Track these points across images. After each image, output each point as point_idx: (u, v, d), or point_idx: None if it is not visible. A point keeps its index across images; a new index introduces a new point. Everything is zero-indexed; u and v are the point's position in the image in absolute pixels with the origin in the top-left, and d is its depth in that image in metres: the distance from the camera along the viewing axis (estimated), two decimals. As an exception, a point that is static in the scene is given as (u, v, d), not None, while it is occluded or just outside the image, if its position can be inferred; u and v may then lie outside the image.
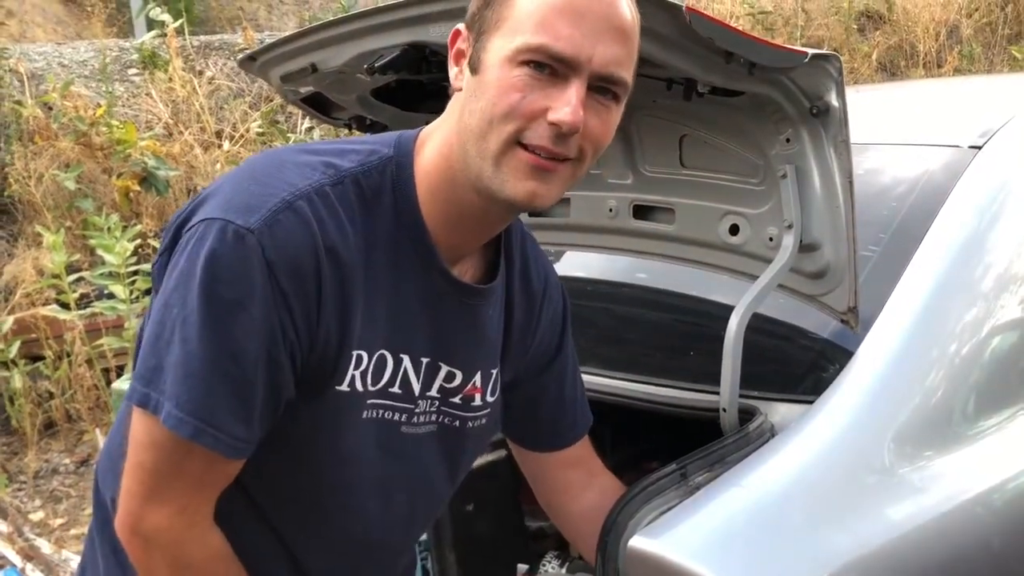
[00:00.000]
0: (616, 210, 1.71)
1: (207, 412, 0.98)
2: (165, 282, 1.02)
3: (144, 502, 1.03)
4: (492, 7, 1.03)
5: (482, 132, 1.03)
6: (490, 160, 1.03)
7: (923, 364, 1.42)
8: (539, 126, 1.01)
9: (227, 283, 0.97)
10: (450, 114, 1.09)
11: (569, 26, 0.99)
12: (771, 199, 1.48)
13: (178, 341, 0.98)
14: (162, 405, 0.98)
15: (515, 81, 1.00)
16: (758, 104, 1.40)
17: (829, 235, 1.41)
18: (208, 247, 0.97)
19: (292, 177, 1.03)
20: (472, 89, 1.04)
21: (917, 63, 8.43)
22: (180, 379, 0.97)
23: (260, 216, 0.98)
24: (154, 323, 1.01)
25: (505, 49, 1.01)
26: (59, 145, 5.32)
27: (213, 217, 0.99)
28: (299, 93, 1.78)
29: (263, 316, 0.98)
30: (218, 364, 0.98)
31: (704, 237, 1.58)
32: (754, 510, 1.22)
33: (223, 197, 1.02)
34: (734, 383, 1.34)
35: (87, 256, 4.89)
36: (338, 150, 1.09)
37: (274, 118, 6.58)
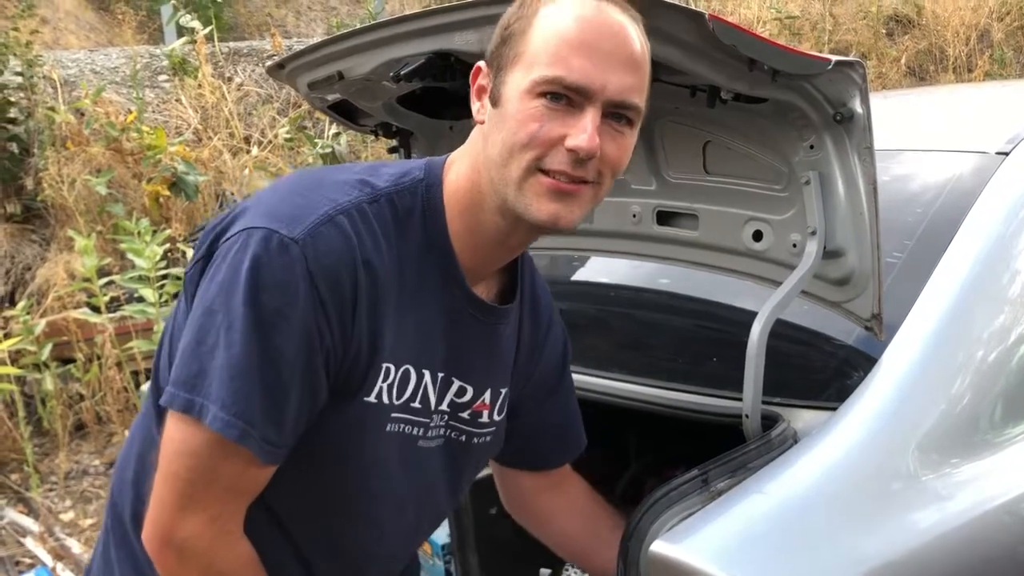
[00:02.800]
0: (640, 216, 1.71)
1: (251, 416, 1.00)
2: (204, 289, 1.03)
3: (178, 511, 1.04)
4: (509, 44, 1.09)
5: (504, 160, 1.08)
6: (513, 186, 1.08)
7: (948, 371, 1.42)
8: (558, 153, 1.06)
9: (271, 290, 1.00)
10: (473, 143, 1.15)
11: (581, 58, 1.05)
12: (795, 205, 1.48)
13: (223, 346, 1.00)
14: (207, 409, 1.00)
15: (533, 112, 1.06)
16: (782, 111, 1.40)
17: (853, 242, 1.41)
18: (252, 254, 1.00)
19: (332, 193, 1.06)
20: (494, 121, 1.09)
21: (947, 68, 8.35)
22: (226, 383, 0.99)
23: (304, 227, 1.01)
24: (194, 329, 1.02)
25: (523, 82, 1.06)
26: (91, 150, 5.40)
27: (256, 226, 1.02)
28: (326, 100, 1.81)
29: (304, 324, 1.01)
30: (260, 370, 1.00)
31: (727, 243, 1.58)
32: (776, 516, 1.21)
33: (264, 208, 1.05)
34: (757, 389, 1.34)
35: (118, 260, 4.95)
36: (373, 170, 1.13)
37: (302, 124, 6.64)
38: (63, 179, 5.22)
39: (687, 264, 1.67)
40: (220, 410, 0.99)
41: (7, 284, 5.16)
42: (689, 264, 1.67)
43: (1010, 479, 1.39)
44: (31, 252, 5.30)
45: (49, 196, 5.26)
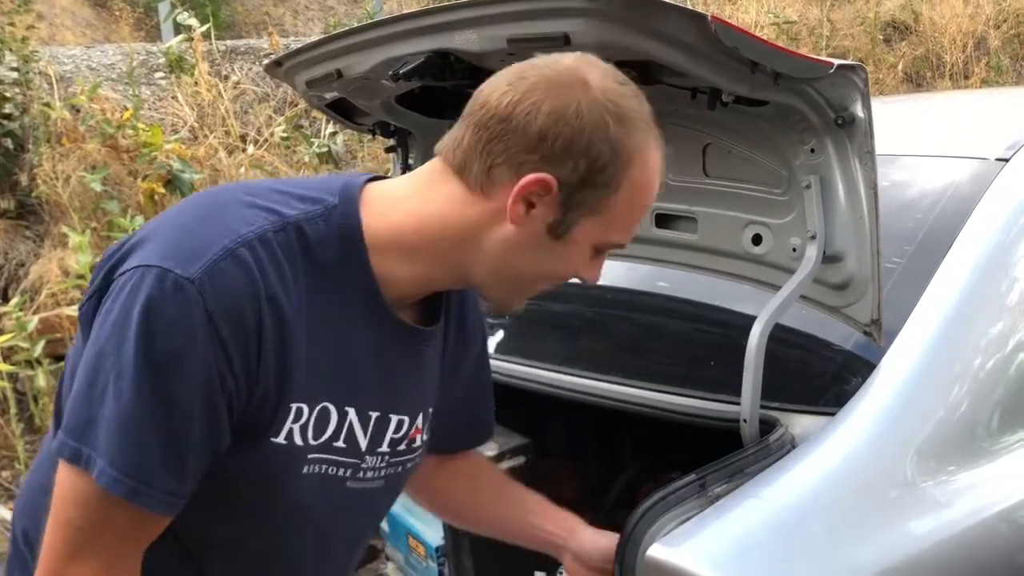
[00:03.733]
0: (638, 218, 1.70)
1: (142, 471, 0.95)
2: (98, 329, 0.98)
3: (68, 560, 0.98)
4: (592, 188, 1.03)
5: (530, 281, 1.12)
6: (518, 296, 1.14)
7: (947, 378, 1.41)
8: (566, 280, 1.14)
9: (165, 334, 0.94)
10: (463, 212, 1.06)
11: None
12: (794, 209, 1.47)
13: (112, 394, 0.94)
14: (95, 462, 0.95)
15: (584, 260, 1.10)
16: (783, 114, 1.39)
17: (853, 246, 1.40)
18: (144, 296, 0.94)
19: (235, 223, 1.00)
20: (544, 246, 1.07)
21: (944, 74, 8.37)
22: (114, 435, 0.94)
23: (201, 265, 0.95)
24: (86, 372, 0.97)
25: (595, 239, 1.08)
26: (86, 147, 5.38)
27: (150, 264, 0.96)
28: (324, 99, 1.80)
29: (202, 367, 0.96)
30: (154, 418, 0.95)
31: (727, 247, 1.58)
32: (774, 522, 1.21)
33: (161, 242, 0.99)
34: (755, 394, 1.33)
35: (112, 257, 4.92)
36: (281, 195, 1.06)
37: (298, 123, 6.62)
38: (58, 175, 5.20)
39: (686, 267, 1.66)
40: (108, 466, 0.94)
41: (0, 280, 5.14)
42: (688, 267, 1.66)
43: (1007, 487, 1.39)
44: (25, 248, 5.28)
45: (44, 192, 5.24)
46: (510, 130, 1.02)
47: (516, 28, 1.30)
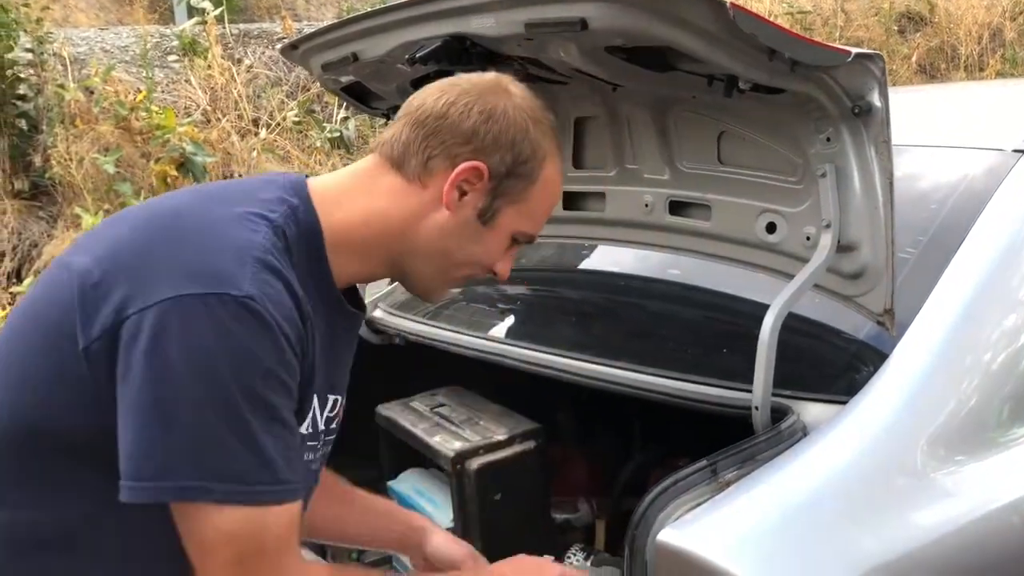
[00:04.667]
0: (652, 206, 1.70)
1: (285, 474, 1.02)
2: (155, 371, 0.97)
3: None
4: (518, 178, 1.18)
5: (457, 265, 1.23)
6: (443, 282, 1.25)
7: (959, 369, 1.41)
8: (486, 271, 1.26)
9: (250, 353, 0.99)
10: (402, 202, 1.18)
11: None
12: (809, 198, 1.47)
13: (231, 431, 0.98)
14: (252, 494, 1.00)
15: (503, 249, 1.24)
16: (799, 102, 1.39)
17: (867, 236, 1.40)
18: (210, 324, 0.97)
19: (241, 233, 1.05)
20: (472, 231, 1.20)
21: (958, 66, 8.31)
22: (258, 459, 1.00)
23: (247, 280, 1.00)
24: (188, 426, 0.97)
25: (515, 226, 1.22)
26: (99, 129, 5.39)
27: (183, 294, 0.98)
28: (339, 82, 1.80)
29: (286, 372, 1.03)
30: (272, 431, 1.01)
31: (740, 235, 1.58)
32: (784, 509, 1.21)
33: (181, 270, 1.00)
34: (767, 382, 1.33)
35: (124, 239, 4.94)
36: (248, 199, 1.11)
37: (310, 107, 6.62)
38: (71, 157, 5.21)
39: (699, 255, 1.66)
40: (265, 485, 1.00)
41: (14, 260, 5.16)
42: (701, 255, 1.66)
43: (1018, 479, 1.38)
44: (38, 229, 5.31)
45: (57, 174, 5.26)
46: (446, 127, 1.16)
47: (533, 12, 1.30)
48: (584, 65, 1.40)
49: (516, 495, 1.68)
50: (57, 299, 1.05)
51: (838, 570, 1.16)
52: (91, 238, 1.14)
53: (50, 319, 1.05)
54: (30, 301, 1.13)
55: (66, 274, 1.06)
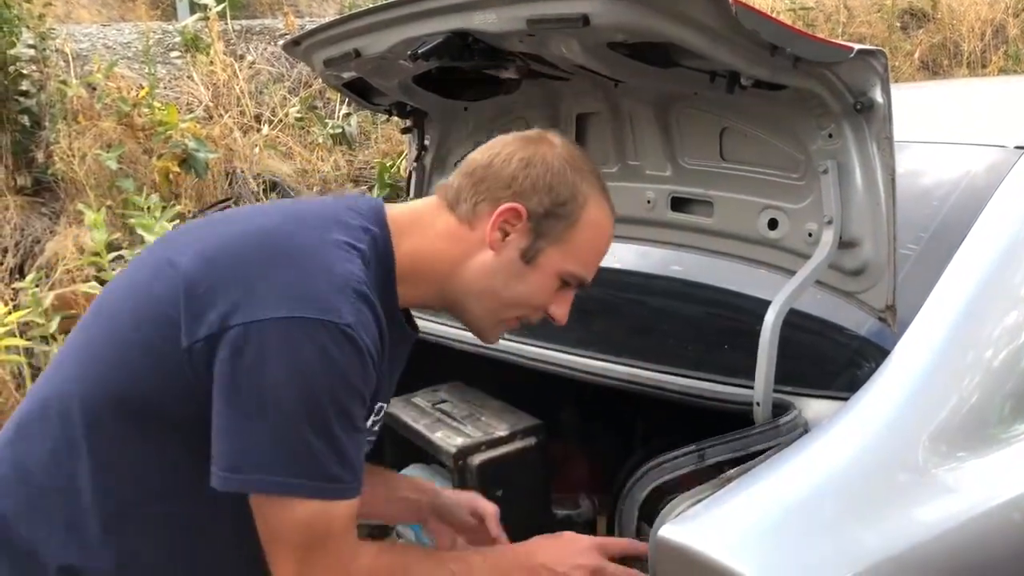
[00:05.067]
0: (654, 202, 1.70)
1: (355, 474, 1.16)
2: (256, 378, 1.10)
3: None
4: (558, 219, 1.28)
5: (506, 305, 1.32)
6: (495, 322, 1.34)
7: (960, 366, 1.41)
8: (540, 314, 1.35)
9: (344, 374, 1.12)
10: (454, 242, 1.30)
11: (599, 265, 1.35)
12: (811, 194, 1.47)
13: (318, 438, 1.11)
14: (330, 491, 1.13)
15: (551, 290, 1.32)
16: (801, 98, 1.39)
17: (869, 232, 1.40)
18: (318, 345, 1.11)
19: (340, 263, 1.17)
20: (517, 271, 1.29)
21: (961, 62, 8.30)
22: (339, 461, 1.13)
23: (347, 309, 1.13)
24: (283, 431, 1.10)
25: (560, 266, 1.30)
26: (102, 125, 5.39)
27: (299, 316, 1.11)
28: (341, 78, 1.80)
29: (368, 388, 1.17)
30: (350, 438, 1.14)
31: (742, 231, 1.58)
32: (785, 505, 1.21)
33: (288, 292, 1.13)
34: (768, 378, 1.33)
35: (127, 235, 4.95)
36: (335, 220, 1.23)
37: (312, 103, 6.62)
38: (74, 153, 5.22)
39: (701, 251, 1.66)
40: (332, 480, 1.13)
41: (16, 256, 5.17)
42: (703, 251, 1.66)
43: (1019, 475, 1.38)
44: (41, 225, 5.31)
45: (60, 170, 5.26)
46: (490, 174, 1.29)
47: (535, 9, 1.30)
48: (586, 61, 1.41)
49: (518, 491, 1.68)
50: (162, 296, 1.18)
51: (840, 566, 1.16)
52: (187, 240, 1.25)
53: (154, 313, 1.18)
54: (128, 291, 1.25)
55: (171, 271, 1.18)
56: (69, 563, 1.19)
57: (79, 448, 1.19)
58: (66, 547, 1.19)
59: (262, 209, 1.43)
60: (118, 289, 1.28)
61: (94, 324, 1.28)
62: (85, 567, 1.20)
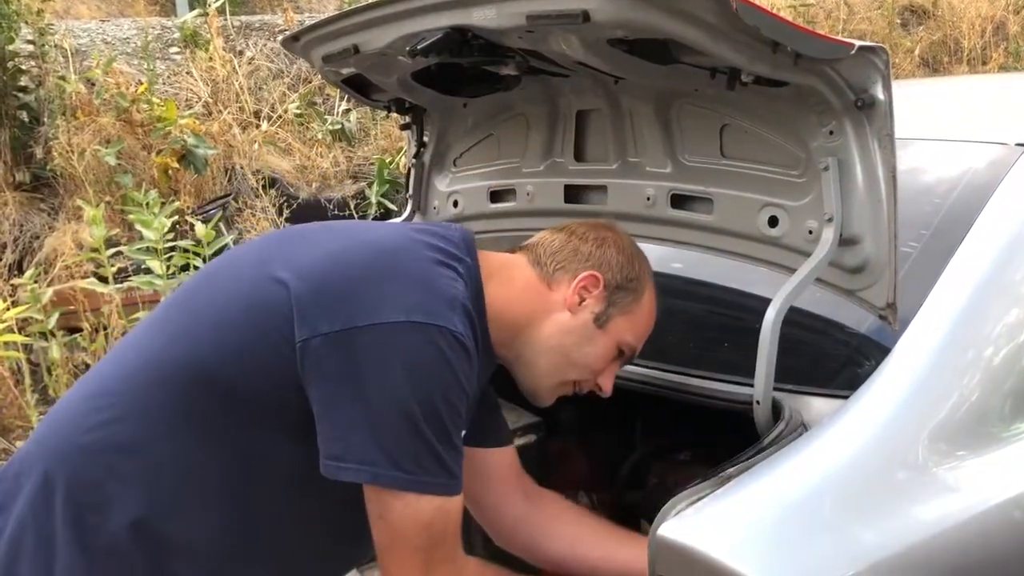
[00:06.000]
0: (654, 199, 1.70)
1: (461, 472, 1.22)
2: (380, 374, 1.17)
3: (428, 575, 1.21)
4: (627, 292, 1.44)
5: (572, 365, 1.42)
6: (555, 383, 1.44)
7: (961, 364, 1.41)
8: (591, 383, 1.46)
9: (456, 377, 1.20)
10: (535, 297, 1.42)
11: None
12: (812, 191, 1.46)
13: (434, 433, 1.17)
14: (448, 486, 1.20)
15: (610, 358, 1.44)
16: (802, 95, 1.38)
17: (870, 230, 1.39)
18: (437, 349, 1.19)
19: (448, 282, 1.26)
20: (589, 334, 1.42)
21: (961, 59, 8.29)
22: (455, 459, 1.20)
23: (459, 321, 1.22)
24: (403, 426, 1.17)
25: (622, 335, 1.43)
26: (101, 121, 5.38)
27: (418, 321, 1.19)
28: (340, 74, 1.79)
29: (471, 392, 1.25)
30: (458, 435, 1.22)
31: (742, 228, 1.57)
32: (785, 504, 1.21)
33: (406, 301, 1.20)
34: (768, 376, 1.33)
35: (126, 231, 4.95)
36: (434, 246, 1.31)
37: (312, 100, 6.61)
38: (72, 149, 5.21)
39: (700, 249, 1.65)
40: (450, 478, 1.20)
41: (15, 252, 5.16)
42: (703, 249, 1.65)
43: (1019, 474, 1.38)
44: (39, 221, 5.30)
45: (58, 165, 5.26)
46: (569, 247, 1.45)
47: (535, 4, 1.30)
48: (586, 58, 1.40)
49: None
50: (269, 302, 1.23)
51: (840, 565, 1.16)
52: (285, 253, 1.31)
53: (261, 316, 1.23)
54: (221, 289, 1.31)
55: (275, 285, 1.24)
56: (135, 515, 1.22)
57: (168, 418, 1.24)
58: (135, 500, 1.23)
59: (357, 225, 1.52)
60: (207, 289, 1.34)
61: (185, 306, 1.34)
62: (153, 526, 1.23)
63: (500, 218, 1.97)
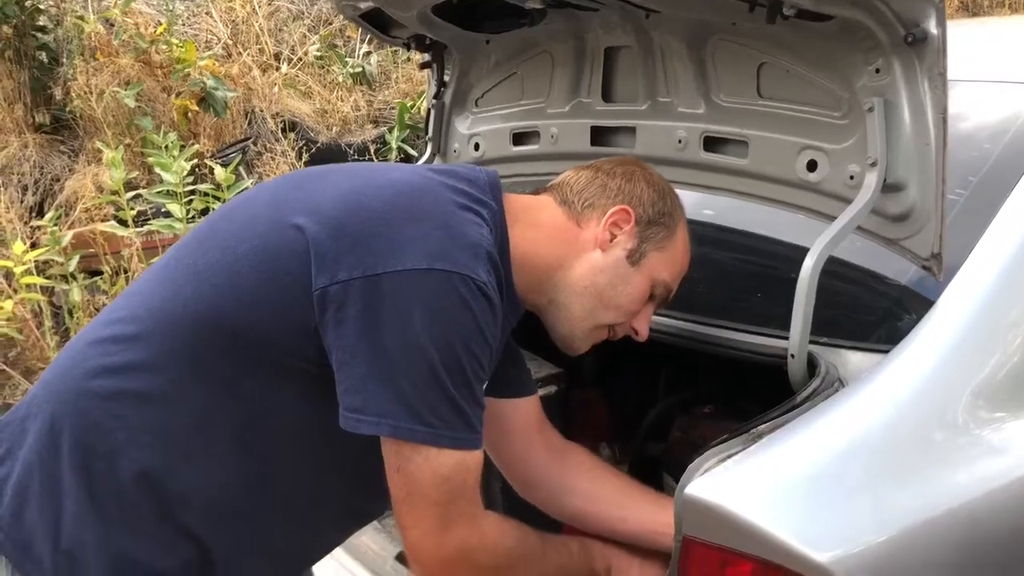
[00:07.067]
0: (686, 142, 1.62)
1: (482, 425, 1.18)
2: (403, 321, 1.11)
3: (446, 531, 1.16)
4: (660, 227, 1.37)
5: (606, 307, 1.35)
6: (590, 327, 1.37)
7: (1006, 320, 1.33)
8: (627, 326, 1.39)
9: (479, 325, 1.14)
10: (563, 238, 1.35)
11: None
12: (854, 134, 1.38)
13: (456, 386, 1.12)
14: (469, 440, 1.15)
15: (645, 298, 1.37)
16: (848, 30, 1.29)
17: (916, 175, 1.31)
18: (459, 297, 1.13)
19: (472, 228, 1.20)
20: (623, 272, 1.35)
21: (1002, 2, 8.02)
22: (475, 411, 1.16)
23: (483, 270, 1.16)
24: (423, 376, 1.11)
25: (657, 273, 1.37)
26: (119, 62, 5.32)
27: (442, 268, 1.13)
28: (358, 8, 1.72)
29: (494, 349, 1.20)
30: (480, 389, 1.17)
31: (779, 173, 1.49)
32: (818, 462, 1.15)
33: (427, 248, 1.14)
34: (805, 328, 1.26)
35: (145, 174, 4.92)
36: (458, 189, 1.25)
37: (332, 42, 6.51)
38: (91, 90, 5.16)
39: (734, 194, 1.58)
40: (469, 431, 1.15)
41: (36, 195, 5.15)
42: (736, 194, 1.57)
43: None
44: (60, 163, 5.28)
45: (78, 107, 5.22)
46: (597, 183, 1.38)
47: None
48: (616, -12, 1.32)
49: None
50: (285, 248, 1.17)
51: (874, 528, 1.10)
52: (300, 197, 1.24)
53: (278, 262, 1.17)
54: (235, 235, 1.23)
55: (293, 232, 1.18)
56: (144, 466, 1.18)
57: (180, 365, 1.19)
58: (145, 451, 1.19)
59: (377, 166, 1.43)
60: (221, 234, 1.27)
61: (198, 251, 1.26)
62: (161, 475, 1.19)
63: (523, 161, 1.90)
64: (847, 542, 1.07)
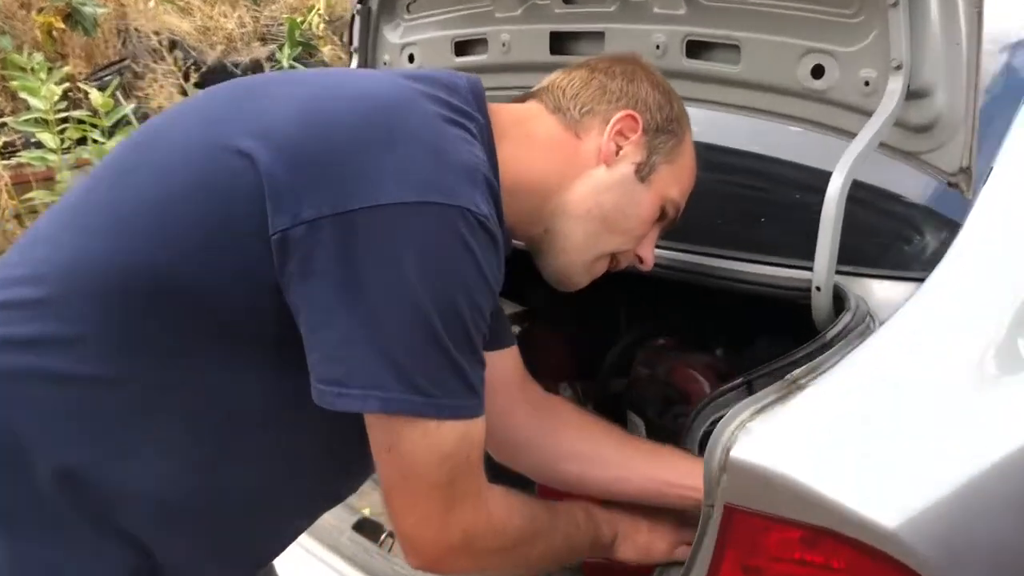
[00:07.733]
0: (664, 47, 1.43)
1: (483, 386, 0.99)
2: (381, 274, 0.90)
3: (449, 515, 0.99)
4: (669, 135, 1.19)
5: (611, 232, 1.17)
6: (591, 258, 1.18)
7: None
8: (631, 254, 1.22)
9: (481, 272, 0.94)
10: (561, 154, 1.16)
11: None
12: (869, 34, 1.21)
13: (457, 345, 0.93)
14: (471, 408, 0.96)
15: (652, 222, 1.20)
16: (868, -92, 1.12)
17: (944, 79, 1.16)
18: (451, 234, 0.92)
19: (463, 147, 0.99)
20: (630, 190, 1.16)
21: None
22: (476, 371, 0.97)
23: (481, 201, 0.96)
24: (416, 336, 0.91)
25: (666, 190, 1.19)
26: (-31, -27, 4.76)
27: (433, 201, 0.92)
28: None
29: (497, 290, 1.00)
30: (481, 342, 0.97)
31: (778, 80, 1.32)
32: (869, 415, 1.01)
33: (414, 176, 0.93)
34: (832, 258, 1.11)
35: (9, 101, 4.45)
36: (439, 99, 1.03)
37: (211, -49, 6.00)
38: (-63, 5, 4.60)
39: (724, 107, 1.40)
40: (469, 396, 0.96)
41: None
42: (727, 107, 1.40)
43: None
44: (-95, 90, 4.72)
45: (-78, 25, 4.64)
46: (595, 84, 1.18)
47: None
48: None
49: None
50: (233, 182, 0.93)
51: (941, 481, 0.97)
52: (242, 114, 1.00)
53: (222, 200, 0.93)
54: (163, 166, 0.99)
55: (235, 160, 0.93)
56: (67, 462, 0.95)
57: (106, 336, 0.95)
58: (68, 443, 0.96)
59: (335, 72, 1.19)
60: (135, 159, 1.02)
61: (117, 189, 1.01)
62: (90, 472, 0.96)
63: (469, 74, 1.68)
64: (913, 502, 0.94)
